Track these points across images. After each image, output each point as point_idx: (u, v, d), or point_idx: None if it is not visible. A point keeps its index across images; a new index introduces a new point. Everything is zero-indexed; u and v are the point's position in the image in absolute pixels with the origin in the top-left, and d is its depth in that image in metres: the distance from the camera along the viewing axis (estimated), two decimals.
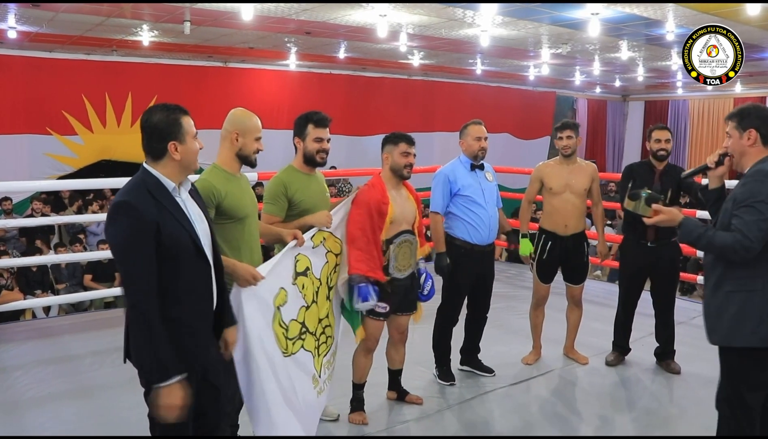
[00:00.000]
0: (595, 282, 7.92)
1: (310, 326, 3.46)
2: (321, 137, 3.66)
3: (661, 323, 4.87)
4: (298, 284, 3.40)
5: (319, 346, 3.54)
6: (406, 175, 3.92)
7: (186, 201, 2.51)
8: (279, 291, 3.25)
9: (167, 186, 2.44)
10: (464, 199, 4.43)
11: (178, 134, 2.44)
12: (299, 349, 3.38)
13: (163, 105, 2.48)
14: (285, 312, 3.27)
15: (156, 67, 11.94)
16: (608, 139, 19.83)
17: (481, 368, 4.73)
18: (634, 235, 4.77)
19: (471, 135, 4.47)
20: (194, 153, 2.50)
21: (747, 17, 8.19)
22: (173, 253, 2.38)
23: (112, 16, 8.37)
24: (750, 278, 2.81)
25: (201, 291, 2.52)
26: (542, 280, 4.92)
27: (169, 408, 2.34)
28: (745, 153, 2.94)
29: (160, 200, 2.39)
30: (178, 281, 2.41)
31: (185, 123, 2.46)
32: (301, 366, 3.39)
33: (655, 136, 4.77)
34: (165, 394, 2.33)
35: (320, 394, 3.55)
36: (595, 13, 8.02)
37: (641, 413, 4.24)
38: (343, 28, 9.44)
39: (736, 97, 17.59)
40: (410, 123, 13.81)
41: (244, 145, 3.17)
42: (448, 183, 4.44)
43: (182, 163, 2.46)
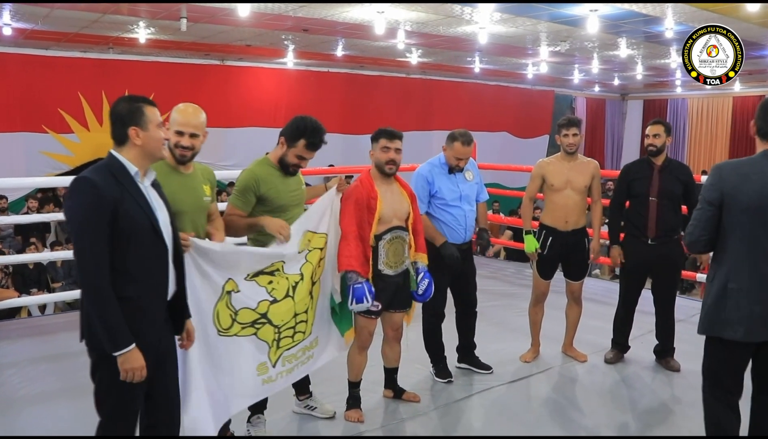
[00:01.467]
0: (594, 280, 7.88)
1: (274, 318, 3.41)
2: (305, 157, 3.56)
3: (662, 320, 4.83)
4: (260, 280, 3.37)
5: (281, 339, 3.48)
6: (388, 172, 3.82)
7: (148, 189, 2.60)
8: (228, 280, 3.25)
9: (130, 170, 2.52)
10: (440, 202, 4.38)
11: (140, 121, 2.53)
12: (249, 335, 3.36)
13: (129, 96, 2.60)
14: (236, 299, 3.26)
15: (153, 65, 11.90)
16: (607, 138, 19.81)
17: (479, 366, 4.69)
18: (635, 232, 4.73)
19: (455, 152, 4.33)
20: (157, 140, 2.57)
21: (746, 14, 8.16)
22: (130, 232, 2.45)
23: (108, 12, 8.33)
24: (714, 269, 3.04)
25: (156, 273, 2.58)
26: (542, 276, 4.89)
27: (131, 371, 2.45)
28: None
29: (122, 182, 2.48)
30: (134, 261, 2.48)
31: (148, 112, 2.55)
32: (246, 349, 3.35)
33: (646, 131, 4.77)
34: (124, 360, 2.43)
35: (267, 383, 3.47)
36: (594, 10, 7.98)
37: (642, 410, 4.20)
38: (340, 25, 9.41)
39: (735, 95, 17.59)
40: (408, 121, 13.78)
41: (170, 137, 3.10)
42: (427, 184, 4.37)
43: (144, 149, 2.54)
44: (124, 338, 2.42)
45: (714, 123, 18.17)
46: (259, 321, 3.38)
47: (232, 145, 12.35)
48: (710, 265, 3.08)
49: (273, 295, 3.41)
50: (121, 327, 2.41)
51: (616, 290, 5.11)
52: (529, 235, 4.86)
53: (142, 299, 2.51)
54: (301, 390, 3.97)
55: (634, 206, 4.76)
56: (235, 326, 3.30)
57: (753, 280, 2.90)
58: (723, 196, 2.93)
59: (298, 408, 3.99)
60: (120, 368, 2.44)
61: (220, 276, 3.22)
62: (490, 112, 16.16)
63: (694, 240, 3.05)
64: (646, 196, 4.65)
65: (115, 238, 2.42)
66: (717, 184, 2.96)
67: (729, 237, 2.96)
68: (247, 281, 3.33)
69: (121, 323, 2.41)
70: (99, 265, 2.39)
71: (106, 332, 2.41)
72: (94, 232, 2.39)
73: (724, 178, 2.95)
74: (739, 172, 2.95)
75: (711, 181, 2.99)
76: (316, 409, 3.96)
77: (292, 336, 3.55)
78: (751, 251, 2.91)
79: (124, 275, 2.45)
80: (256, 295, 3.35)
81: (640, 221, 4.68)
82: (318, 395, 4.02)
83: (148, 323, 2.54)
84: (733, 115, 17.84)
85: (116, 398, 2.52)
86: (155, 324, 2.59)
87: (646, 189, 4.65)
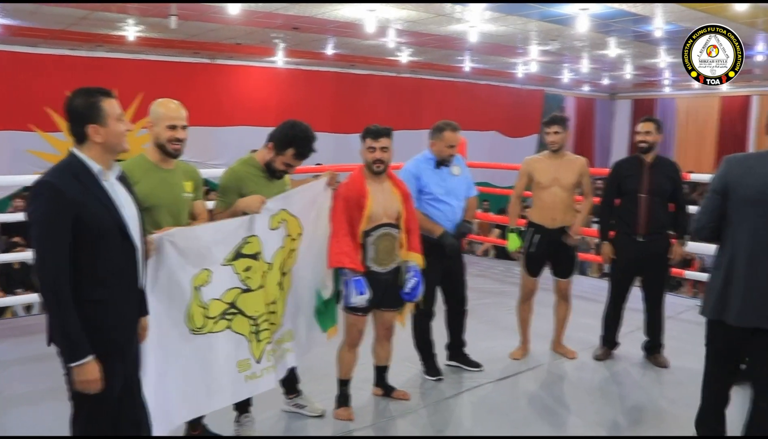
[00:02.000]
0: (583, 278, 7.90)
1: (246, 309, 3.35)
2: (292, 165, 3.53)
3: (651, 317, 4.84)
4: (237, 265, 3.31)
5: (260, 332, 3.43)
6: (376, 170, 3.80)
7: (113, 185, 2.52)
8: (200, 272, 3.18)
9: (92, 169, 2.44)
10: (428, 197, 4.37)
11: (98, 117, 2.43)
12: (224, 329, 3.29)
13: (84, 89, 2.48)
14: (205, 292, 3.20)
15: (142, 64, 11.82)
16: (596, 138, 19.86)
17: (469, 363, 4.68)
18: (626, 229, 4.74)
19: (445, 141, 4.35)
20: (118, 135, 2.47)
21: (734, 13, 8.20)
22: (96, 234, 2.40)
23: (97, 9, 8.28)
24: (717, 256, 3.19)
25: (125, 274, 2.53)
26: (530, 273, 4.89)
27: (86, 384, 2.40)
28: None
29: (85, 183, 2.41)
30: (102, 263, 2.43)
31: (106, 106, 2.45)
32: (221, 345, 3.28)
33: (636, 128, 4.78)
34: (79, 372, 2.38)
35: (251, 379, 3.40)
36: (584, 9, 7.99)
37: (631, 407, 4.21)
38: (331, 24, 9.39)
39: (722, 95, 17.69)
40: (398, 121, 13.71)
41: (157, 134, 3.13)
42: (414, 180, 4.35)
43: (106, 145, 2.46)
44: (82, 349, 2.37)
45: (702, 123, 18.27)
46: (229, 312, 3.30)
47: (221, 144, 12.29)
48: (716, 253, 3.21)
49: (247, 283, 3.35)
50: (79, 338, 2.36)
51: (604, 288, 5.12)
52: (512, 233, 4.86)
53: (113, 301, 2.46)
54: (290, 389, 3.94)
55: (625, 203, 4.77)
56: (208, 323, 3.23)
57: (750, 268, 3.02)
58: (727, 186, 3.07)
59: (287, 407, 3.97)
60: (75, 379, 2.39)
61: (191, 270, 3.13)
62: (480, 112, 16.16)
63: (700, 227, 3.21)
64: (637, 193, 4.66)
65: (80, 241, 2.37)
66: (723, 174, 3.11)
67: (732, 227, 3.09)
68: (224, 266, 3.26)
69: (79, 334, 2.36)
70: (58, 273, 2.33)
71: (64, 341, 2.38)
72: (54, 238, 2.33)
73: (730, 169, 3.10)
74: (744, 164, 3.10)
75: (718, 172, 3.14)
76: (306, 408, 3.94)
77: (268, 329, 3.50)
78: (750, 241, 3.03)
79: (92, 278, 2.41)
80: (224, 283, 3.27)
81: (631, 218, 4.69)
82: (307, 394, 4.00)
83: (120, 325, 2.52)
84: (720, 114, 17.94)
85: (92, 399, 2.47)
86: (127, 326, 2.56)
87: (637, 186, 4.66)
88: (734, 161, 3.13)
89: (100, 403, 2.49)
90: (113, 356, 2.48)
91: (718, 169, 3.16)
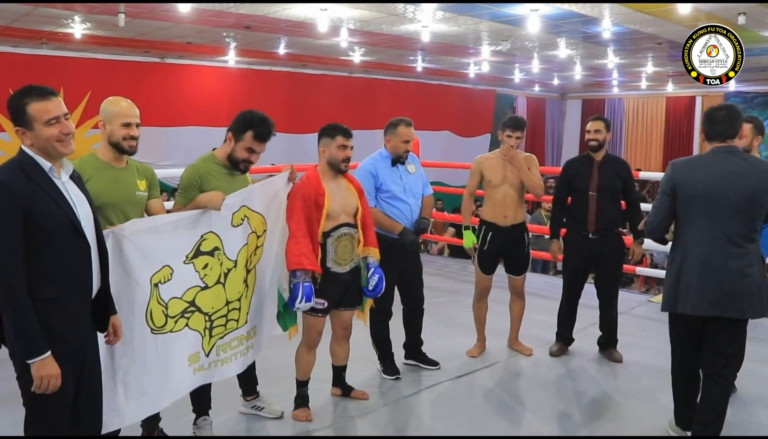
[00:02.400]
0: (537, 275, 8.00)
1: (203, 306, 3.33)
2: (254, 150, 3.48)
3: (605, 313, 4.93)
4: (197, 263, 3.28)
5: (214, 327, 3.41)
6: (344, 169, 3.83)
7: (66, 184, 2.47)
8: (162, 268, 3.15)
9: (43, 166, 2.39)
10: (386, 195, 4.38)
11: (23, 121, 2.37)
12: (183, 327, 3.27)
13: (24, 88, 2.41)
14: (164, 289, 3.16)
15: (90, 62, 11.57)
16: (547, 137, 20.19)
17: (426, 362, 4.70)
18: (576, 226, 4.82)
19: (400, 136, 4.38)
20: (45, 139, 2.37)
21: (679, 17, 8.42)
22: (47, 230, 2.35)
23: (41, 5, 8.05)
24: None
25: (78, 271, 2.47)
26: (484, 271, 4.92)
27: (46, 379, 2.35)
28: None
29: (34, 179, 2.36)
30: (53, 260, 2.38)
31: (31, 110, 2.37)
32: (178, 343, 3.26)
33: (587, 127, 4.86)
34: (39, 367, 2.33)
35: (199, 371, 3.38)
36: (534, 9, 8.10)
37: (588, 401, 4.28)
38: (283, 23, 9.33)
39: (668, 96, 18.17)
40: (351, 120, 13.56)
41: (111, 132, 3.09)
42: (371, 177, 4.36)
43: (36, 148, 2.39)
44: (39, 346, 2.33)
45: (649, 122, 18.75)
46: (188, 310, 3.28)
47: (172, 144, 12.12)
48: (670, 251, 3.48)
49: (205, 281, 3.32)
50: (35, 334, 2.32)
51: (558, 285, 5.19)
52: (467, 230, 4.90)
53: (64, 300, 2.41)
54: (249, 390, 3.90)
55: (575, 201, 4.85)
56: (168, 322, 3.20)
57: (699, 259, 3.28)
58: (675, 186, 3.34)
59: (245, 409, 3.92)
60: (34, 375, 2.34)
61: (150, 266, 3.09)
62: (432, 111, 16.26)
63: (654, 227, 3.48)
64: (586, 190, 4.74)
65: (30, 237, 2.32)
66: (670, 176, 3.39)
67: (682, 223, 3.37)
68: (186, 264, 3.24)
69: (35, 330, 2.32)
70: (10, 269, 2.29)
71: (20, 338, 2.33)
72: (4, 234, 2.29)
73: (676, 171, 3.38)
74: (688, 165, 3.40)
75: (666, 175, 3.42)
76: (264, 409, 3.90)
77: (224, 324, 3.47)
78: (698, 235, 3.29)
79: (43, 275, 2.36)
80: (186, 282, 3.24)
81: (581, 216, 4.77)
82: (265, 395, 3.96)
83: (72, 324, 2.45)
84: (666, 114, 18.44)
85: (46, 401, 2.41)
86: (79, 325, 2.49)
87: (587, 184, 4.74)
88: (679, 164, 3.42)
89: (53, 406, 2.43)
90: (65, 357, 2.42)
91: (665, 173, 3.42)
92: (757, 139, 4.22)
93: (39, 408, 2.44)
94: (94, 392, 2.64)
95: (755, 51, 10.75)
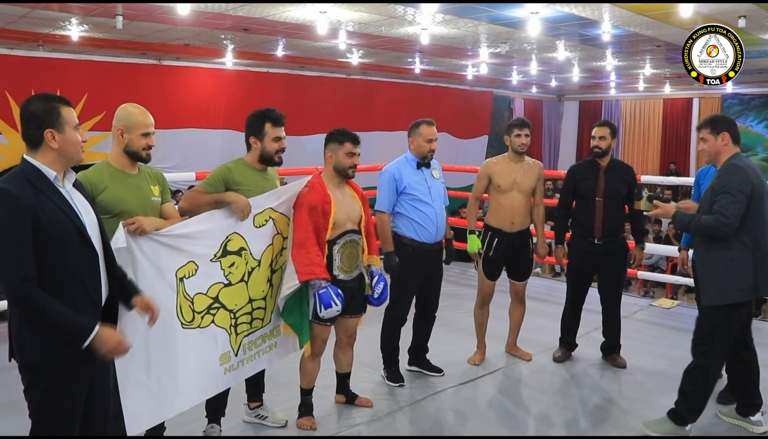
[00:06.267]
0: (537, 279, 7.98)
1: (227, 303, 3.41)
2: (279, 136, 3.57)
3: (608, 318, 4.91)
4: (224, 262, 3.37)
5: (238, 325, 3.48)
6: (351, 176, 3.82)
7: (71, 192, 2.47)
8: (187, 263, 3.22)
9: (48, 175, 2.39)
10: (410, 198, 4.36)
11: (56, 123, 2.39)
12: (209, 324, 3.34)
13: (42, 94, 2.45)
14: (189, 285, 3.23)
15: (87, 64, 11.47)
16: (544, 139, 20.14)
17: (430, 368, 4.67)
18: (581, 232, 4.80)
19: (423, 136, 4.40)
20: (74, 144, 2.43)
21: (679, 20, 8.39)
22: (55, 239, 2.33)
23: (38, 7, 7.98)
24: (729, 250, 3.54)
25: (87, 280, 2.45)
26: (488, 277, 4.89)
27: (115, 349, 2.38)
28: (720, 151, 3.66)
29: (40, 188, 2.35)
30: (61, 269, 2.37)
31: (64, 112, 2.42)
32: (208, 341, 3.34)
33: (592, 133, 4.84)
34: (99, 344, 2.34)
35: (229, 371, 3.47)
36: (534, 12, 8.07)
37: (593, 408, 4.26)
38: (281, 25, 9.27)
39: (665, 97, 18.16)
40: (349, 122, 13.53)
41: (130, 140, 3.11)
42: (393, 181, 4.36)
43: (61, 152, 2.41)
44: (85, 326, 2.33)
45: (646, 124, 18.73)
46: (213, 306, 3.36)
47: (169, 146, 12.03)
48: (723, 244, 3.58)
49: (228, 278, 3.39)
50: (73, 318, 2.31)
51: (558, 288, 5.18)
52: (472, 235, 4.87)
53: (74, 309, 2.37)
54: (254, 396, 3.88)
55: (581, 207, 4.82)
56: (195, 317, 3.27)
57: None
58: (753, 187, 3.53)
59: (249, 417, 3.89)
60: (99, 354, 2.35)
61: (175, 261, 3.17)
62: (430, 113, 15.83)
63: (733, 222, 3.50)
64: (593, 196, 4.72)
65: (38, 246, 2.30)
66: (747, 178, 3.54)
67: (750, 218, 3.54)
68: (213, 262, 3.32)
69: (70, 315, 2.31)
70: (27, 276, 2.26)
71: (63, 332, 2.32)
72: (15, 242, 2.26)
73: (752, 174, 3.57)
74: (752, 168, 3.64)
75: (742, 178, 3.53)
76: (267, 418, 3.88)
77: (249, 323, 3.54)
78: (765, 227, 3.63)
79: (53, 284, 2.33)
80: (211, 277, 3.32)
81: (587, 221, 4.75)
82: (268, 403, 3.93)
83: None
84: (663, 116, 18.42)
85: (54, 416, 2.39)
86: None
87: (593, 190, 4.72)
88: (751, 168, 3.63)
89: (61, 418, 2.40)
90: (76, 367, 2.40)
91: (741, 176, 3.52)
92: None
93: (46, 421, 2.40)
94: (103, 400, 2.61)
95: (753, 53, 10.74)
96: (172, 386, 3.19)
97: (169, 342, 3.17)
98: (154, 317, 2.70)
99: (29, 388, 2.39)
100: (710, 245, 3.61)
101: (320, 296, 3.53)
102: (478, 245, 4.83)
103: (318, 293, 3.53)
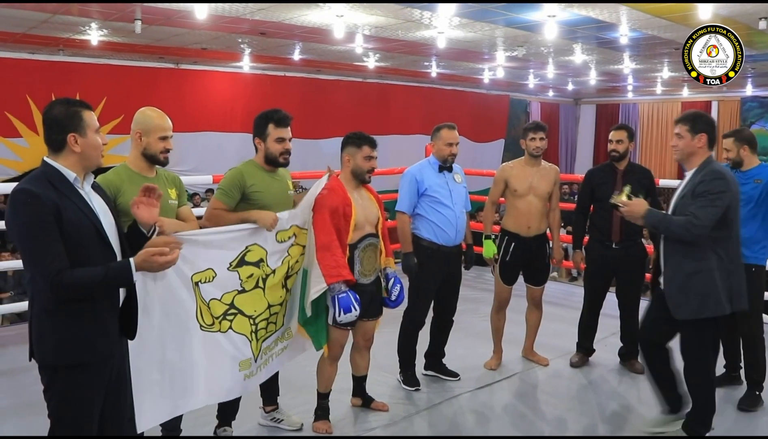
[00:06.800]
0: (554, 284, 7.92)
1: (245, 309, 3.41)
2: (283, 137, 3.54)
3: (626, 323, 4.87)
4: (242, 272, 3.38)
5: (258, 331, 3.49)
6: (368, 180, 3.84)
7: (90, 194, 2.50)
8: (205, 270, 3.24)
9: (68, 177, 2.42)
10: (430, 200, 4.36)
11: (78, 126, 2.43)
12: (227, 329, 3.35)
13: (65, 99, 2.49)
14: (204, 290, 3.25)
15: (105, 68, 11.60)
16: (560, 142, 20.06)
17: (446, 373, 4.66)
18: (599, 236, 4.77)
19: (443, 139, 4.42)
20: (95, 147, 2.47)
21: (698, 22, 8.32)
22: (76, 239, 2.36)
23: (59, 13, 8.07)
24: (705, 261, 3.39)
25: None
26: (505, 282, 4.87)
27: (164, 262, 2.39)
28: (695, 153, 3.49)
29: (61, 190, 2.38)
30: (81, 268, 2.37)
31: (86, 116, 2.46)
32: (228, 346, 3.35)
33: (609, 136, 4.81)
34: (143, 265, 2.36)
35: (249, 377, 3.48)
36: (551, 15, 8.04)
37: (611, 414, 4.22)
38: (298, 29, 9.30)
39: (683, 100, 18.01)
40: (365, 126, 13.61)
41: (148, 144, 3.14)
42: (415, 183, 4.37)
43: (83, 155, 2.45)
44: (122, 268, 2.36)
45: (664, 127, 18.58)
46: (230, 312, 3.36)
47: (186, 149, 12.11)
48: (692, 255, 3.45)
49: (243, 286, 3.39)
50: (109, 269, 2.35)
51: (575, 293, 5.15)
52: (488, 240, 4.85)
53: (94, 308, 2.41)
54: (269, 400, 3.88)
55: (598, 211, 4.79)
56: (215, 322, 3.29)
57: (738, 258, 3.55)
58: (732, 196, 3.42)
59: (264, 421, 3.90)
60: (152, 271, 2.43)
61: (190, 268, 3.18)
62: (446, 117, 15.94)
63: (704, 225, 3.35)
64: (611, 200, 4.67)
65: None
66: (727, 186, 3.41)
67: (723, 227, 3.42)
68: (231, 271, 3.34)
69: (104, 269, 2.34)
70: (62, 270, 2.28)
71: (111, 286, 2.41)
72: (45, 237, 2.29)
73: (731, 182, 3.45)
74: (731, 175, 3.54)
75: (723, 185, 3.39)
76: (283, 421, 3.87)
77: (266, 328, 3.54)
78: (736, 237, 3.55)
79: None
80: (226, 286, 3.33)
81: (605, 226, 4.71)
82: (283, 407, 3.94)
83: (101, 333, 2.44)
84: None
85: (72, 417, 2.41)
86: (108, 334, 2.48)
87: (610, 194, 4.67)
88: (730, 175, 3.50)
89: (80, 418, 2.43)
90: (95, 367, 2.42)
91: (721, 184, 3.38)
92: (744, 148, 4.20)
93: (64, 421, 2.43)
94: (120, 401, 2.62)
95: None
96: (185, 384, 3.20)
97: (186, 343, 3.19)
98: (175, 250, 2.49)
99: (48, 388, 2.42)
100: (685, 255, 3.43)
101: (340, 301, 3.53)
102: (493, 250, 4.81)
103: (337, 298, 3.53)
